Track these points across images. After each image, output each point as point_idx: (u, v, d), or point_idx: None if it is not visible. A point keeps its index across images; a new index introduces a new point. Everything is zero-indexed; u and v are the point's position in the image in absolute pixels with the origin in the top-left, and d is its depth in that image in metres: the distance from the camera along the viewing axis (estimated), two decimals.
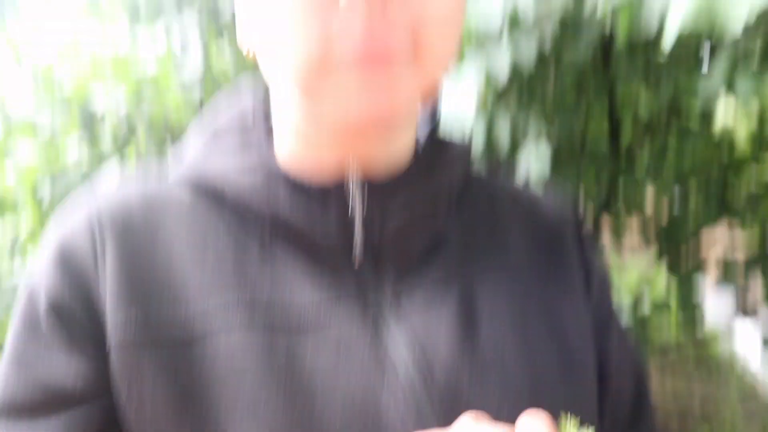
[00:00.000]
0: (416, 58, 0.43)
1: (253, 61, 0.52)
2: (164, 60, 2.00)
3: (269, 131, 0.57)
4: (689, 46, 1.67)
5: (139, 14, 2.18)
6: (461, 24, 0.46)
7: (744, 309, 2.41)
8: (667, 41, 0.69)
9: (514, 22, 0.96)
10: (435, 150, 0.57)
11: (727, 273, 2.14)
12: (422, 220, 0.54)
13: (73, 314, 0.47)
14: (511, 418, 0.46)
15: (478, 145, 1.42)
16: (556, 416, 0.48)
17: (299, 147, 0.52)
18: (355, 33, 0.40)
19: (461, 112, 0.98)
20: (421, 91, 0.46)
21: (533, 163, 1.35)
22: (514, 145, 1.62)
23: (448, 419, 0.48)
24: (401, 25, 0.41)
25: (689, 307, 2.03)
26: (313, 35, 0.41)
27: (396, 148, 0.53)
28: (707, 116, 2.07)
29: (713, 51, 1.60)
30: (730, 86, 1.15)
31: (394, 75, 0.43)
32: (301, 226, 0.50)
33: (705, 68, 1.36)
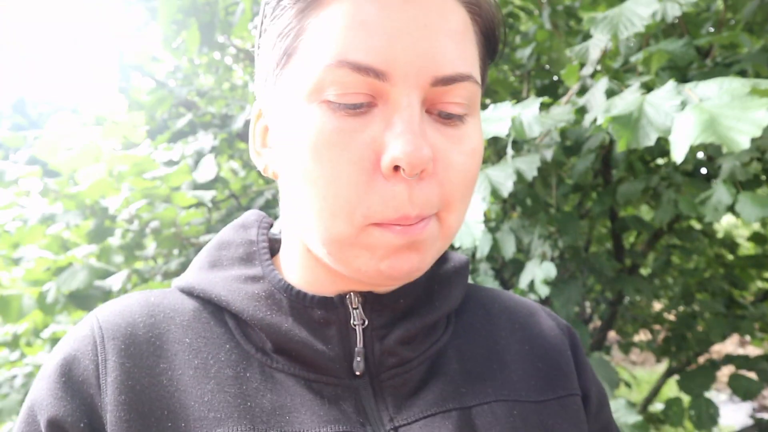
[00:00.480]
0: (440, 219, 0.47)
1: (274, 177, 0.54)
2: (178, 164, 2.08)
3: (274, 243, 0.58)
4: (688, 162, 1.72)
5: (155, 134, 2.30)
6: (476, 182, 0.50)
7: (760, 427, 2.30)
8: (678, 155, 0.70)
9: (519, 134, 1.00)
10: (436, 262, 0.58)
11: (740, 389, 2.06)
12: (422, 331, 0.54)
13: (72, 431, 0.46)
14: None
15: (483, 253, 1.44)
16: None
17: (305, 265, 0.53)
18: (398, 202, 0.43)
19: (468, 223, 1.00)
20: (444, 247, 0.49)
21: (538, 282, 1.35)
22: (519, 264, 1.63)
23: None
24: (431, 194, 0.45)
25: (702, 403, 1.95)
26: (353, 210, 0.43)
27: None
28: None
29: (713, 168, 1.65)
30: (733, 209, 1.17)
31: (425, 243, 0.45)
32: (303, 336, 0.50)
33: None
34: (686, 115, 0.73)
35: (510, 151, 1.21)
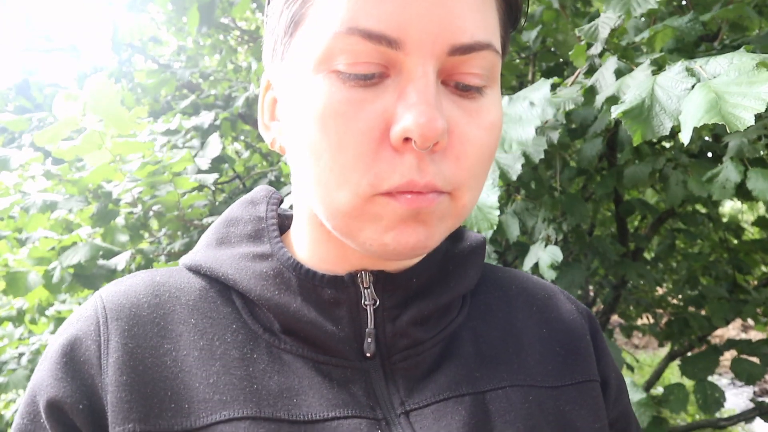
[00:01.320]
0: (454, 198, 0.44)
1: (281, 151, 0.52)
2: (177, 133, 2.08)
3: (284, 219, 0.57)
4: (694, 143, 1.71)
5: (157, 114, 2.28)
6: (493, 158, 0.47)
7: (761, 411, 2.31)
8: (684, 137, 0.68)
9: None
10: (451, 241, 0.57)
11: (743, 373, 2.06)
12: (436, 312, 0.53)
13: (72, 413, 0.45)
14: None
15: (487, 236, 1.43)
16: None
17: (316, 242, 0.52)
18: (405, 168, 0.41)
19: (483, 208, 0.99)
20: (455, 225, 0.47)
21: (543, 266, 1.34)
22: (522, 247, 1.63)
23: None
24: (445, 168, 0.42)
25: (706, 387, 1.95)
26: (358, 179, 0.41)
27: None
28: (715, 202, 2.11)
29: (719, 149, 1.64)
30: (740, 190, 1.15)
31: (434, 217, 0.43)
32: (312, 316, 0.49)
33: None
34: (694, 95, 0.71)
35: None
